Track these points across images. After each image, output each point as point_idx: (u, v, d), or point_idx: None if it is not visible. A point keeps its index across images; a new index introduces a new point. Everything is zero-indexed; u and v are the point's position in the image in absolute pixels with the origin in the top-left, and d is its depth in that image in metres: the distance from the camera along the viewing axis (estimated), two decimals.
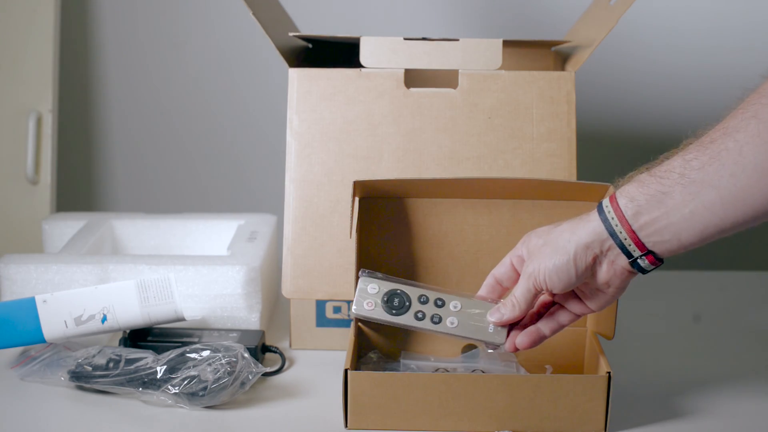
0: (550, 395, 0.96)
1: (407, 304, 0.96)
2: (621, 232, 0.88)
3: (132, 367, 1.01)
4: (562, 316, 0.96)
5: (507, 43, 1.18)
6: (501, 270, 0.96)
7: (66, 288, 1.15)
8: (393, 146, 1.16)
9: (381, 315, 0.95)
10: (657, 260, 0.89)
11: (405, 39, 1.17)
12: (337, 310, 1.17)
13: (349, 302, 1.15)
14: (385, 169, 1.15)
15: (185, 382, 0.99)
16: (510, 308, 0.94)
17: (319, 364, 1.12)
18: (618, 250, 0.89)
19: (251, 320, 1.18)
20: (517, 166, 1.15)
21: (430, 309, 0.95)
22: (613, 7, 1.15)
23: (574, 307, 0.95)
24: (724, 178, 0.85)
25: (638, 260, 0.89)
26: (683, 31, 1.63)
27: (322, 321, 1.17)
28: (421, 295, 0.96)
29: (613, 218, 0.89)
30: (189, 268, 1.16)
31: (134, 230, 1.35)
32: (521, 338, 0.95)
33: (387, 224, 1.09)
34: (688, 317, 1.32)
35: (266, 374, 1.07)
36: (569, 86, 1.16)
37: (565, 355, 1.09)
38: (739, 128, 0.85)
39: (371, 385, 0.96)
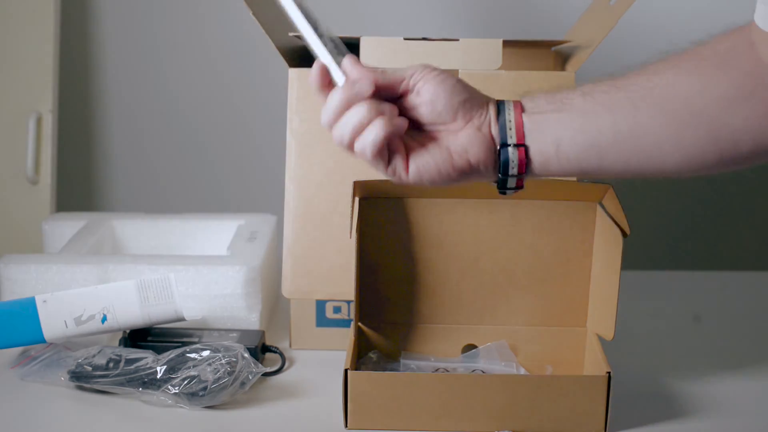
0: (550, 395, 0.96)
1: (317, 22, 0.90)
2: (509, 112, 0.84)
3: (132, 367, 1.01)
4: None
5: (507, 43, 1.18)
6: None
7: (66, 288, 1.15)
8: None
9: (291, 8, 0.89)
10: (525, 165, 0.83)
11: (405, 39, 1.17)
12: (337, 310, 1.17)
13: (350, 302, 1.15)
14: None
15: (185, 382, 0.99)
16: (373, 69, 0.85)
17: (319, 364, 1.12)
18: (497, 128, 0.84)
19: (251, 320, 1.18)
20: None
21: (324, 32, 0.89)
22: (613, 7, 1.15)
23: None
24: (625, 108, 0.83)
25: (509, 148, 0.83)
26: (683, 31, 1.62)
27: (322, 321, 1.17)
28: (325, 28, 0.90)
29: (509, 102, 0.85)
30: (189, 268, 1.16)
31: (134, 230, 1.35)
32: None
33: (387, 224, 1.09)
34: (688, 317, 1.32)
35: (266, 374, 1.07)
36: (569, 86, 1.16)
37: (565, 355, 1.09)
38: (658, 71, 0.84)
39: (371, 385, 0.96)
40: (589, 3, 1.27)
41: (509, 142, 0.84)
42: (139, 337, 1.10)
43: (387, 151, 0.84)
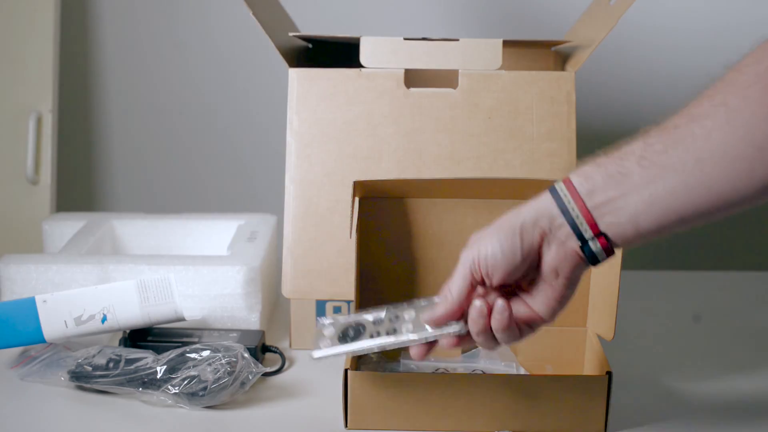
0: (550, 395, 0.96)
1: (362, 329, 0.90)
2: (573, 209, 0.82)
3: (132, 367, 1.01)
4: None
5: (507, 43, 1.18)
6: (453, 284, 0.87)
7: (66, 288, 1.15)
8: (393, 146, 1.16)
9: (339, 349, 0.90)
10: (609, 247, 0.83)
11: (405, 39, 1.17)
12: (337, 310, 1.17)
13: (349, 302, 1.15)
14: (385, 169, 1.15)
15: (185, 382, 0.99)
16: (442, 301, 0.86)
17: (319, 364, 1.12)
18: (569, 229, 0.82)
19: (251, 320, 1.18)
20: (517, 166, 1.15)
21: (385, 326, 0.89)
22: (613, 7, 1.15)
23: (519, 309, 0.86)
24: (689, 164, 0.80)
25: (590, 243, 0.82)
26: (683, 31, 1.62)
27: None
28: (376, 318, 0.90)
29: (565, 195, 0.82)
30: (189, 268, 1.16)
31: (134, 230, 1.35)
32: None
33: (387, 224, 1.09)
34: (688, 317, 1.32)
35: (266, 374, 1.07)
36: (569, 86, 1.16)
37: (565, 355, 1.09)
38: (707, 115, 0.81)
39: (371, 385, 0.96)
40: (589, 3, 1.27)
41: (586, 236, 0.83)
42: (139, 337, 1.10)
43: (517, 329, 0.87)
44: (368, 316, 0.90)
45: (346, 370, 0.96)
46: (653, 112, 1.75)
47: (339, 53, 1.26)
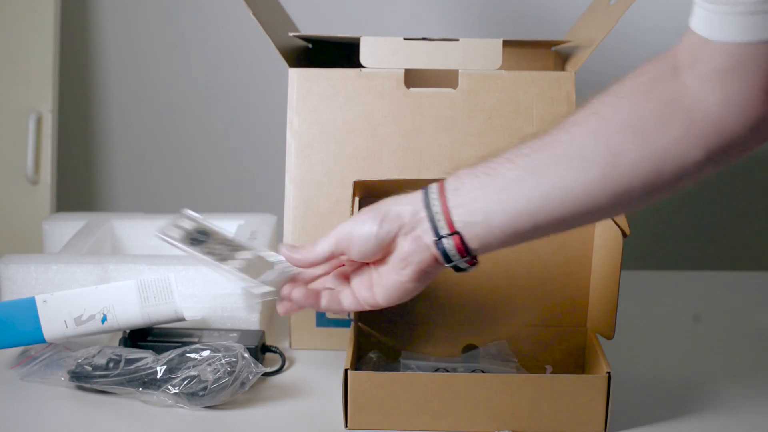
0: (550, 395, 0.96)
1: (204, 241, 0.95)
2: (435, 205, 0.85)
3: (132, 367, 1.01)
4: (345, 297, 0.93)
5: (507, 43, 1.18)
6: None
7: (66, 288, 1.15)
8: (393, 146, 1.16)
9: (176, 243, 0.94)
10: (464, 248, 0.85)
11: (405, 39, 1.17)
12: None
13: None
14: (385, 169, 1.15)
15: (185, 382, 0.99)
16: (302, 250, 0.92)
17: (319, 364, 1.12)
18: (427, 224, 0.86)
19: (251, 320, 1.18)
20: None
21: (223, 249, 0.94)
22: (613, 7, 1.15)
23: (361, 288, 0.91)
24: (549, 167, 0.82)
25: (444, 239, 0.85)
26: (683, 31, 1.62)
27: (322, 321, 1.17)
28: (227, 240, 0.96)
29: (433, 191, 0.86)
30: (189, 268, 1.16)
31: (134, 230, 1.35)
32: (298, 291, 0.93)
33: None
34: (688, 317, 1.32)
35: (266, 374, 1.07)
36: (569, 86, 1.16)
37: (565, 355, 1.09)
38: (578, 122, 0.83)
39: (371, 385, 0.96)
40: (589, 3, 1.27)
41: (442, 233, 0.85)
42: (139, 337, 1.10)
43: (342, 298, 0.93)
44: (221, 234, 0.96)
45: (346, 370, 0.96)
46: None
47: (339, 53, 1.26)
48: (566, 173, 0.82)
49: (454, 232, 0.85)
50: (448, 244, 0.85)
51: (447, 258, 0.86)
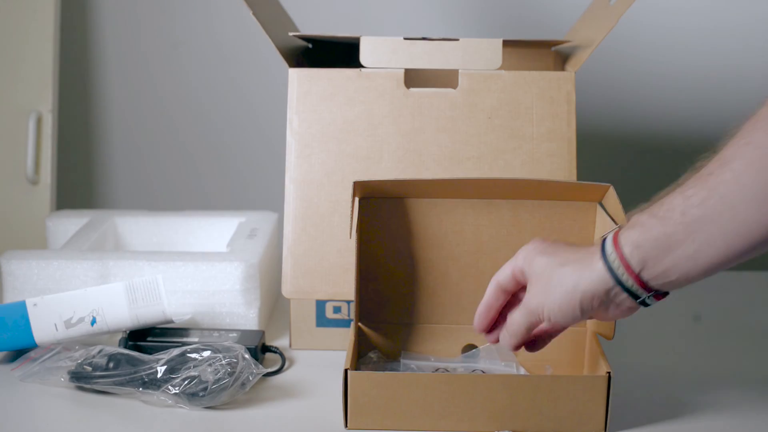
0: (550, 395, 0.96)
1: None
2: (628, 281, 0.88)
3: (132, 367, 1.01)
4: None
5: (507, 43, 1.18)
6: (503, 277, 0.96)
7: (67, 284, 1.15)
8: (393, 146, 1.16)
9: None
10: (663, 295, 0.89)
11: (405, 39, 1.17)
12: (337, 310, 1.17)
13: (350, 302, 1.15)
14: (385, 169, 1.15)
15: (185, 383, 0.99)
16: (509, 339, 0.96)
17: (319, 364, 1.12)
18: (625, 294, 0.89)
19: (250, 316, 1.18)
20: (517, 166, 1.15)
21: None
22: (613, 7, 1.15)
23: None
24: (725, 212, 0.83)
25: (646, 300, 0.89)
26: (683, 31, 1.62)
27: (322, 321, 1.17)
28: None
29: (618, 267, 0.88)
30: (188, 264, 1.16)
31: (137, 227, 1.36)
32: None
33: (387, 224, 1.09)
34: (688, 317, 1.32)
35: (266, 374, 1.07)
36: (569, 86, 1.16)
37: (565, 355, 1.09)
38: (735, 157, 0.84)
39: (371, 385, 0.96)
40: (589, 3, 1.27)
41: (642, 297, 0.89)
42: (139, 337, 1.10)
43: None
44: None
45: (346, 370, 0.96)
46: (653, 112, 1.77)
47: (339, 53, 1.26)
48: (744, 216, 0.83)
49: (652, 293, 0.89)
50: (650, 300, 0.89)
51: (646, 305, 0.91)
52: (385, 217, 1.08)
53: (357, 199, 1.05)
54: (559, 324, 0.92)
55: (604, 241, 0.89)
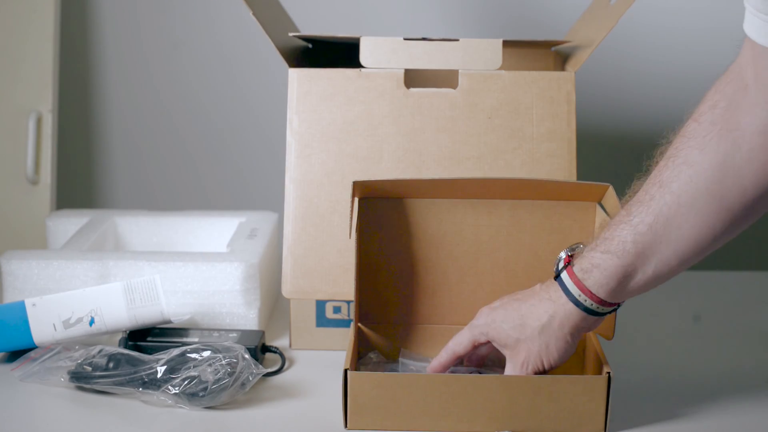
0: (550, 395, 0.96)
1: None
2: (603, 310, 0.95)
3: (132, 367, 1.01)
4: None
5: (507, 43, 1.18)
6: (460, 346, 1.00)
7: (67, 284, 1.15)
8: (393, 146, 1.16)
9: None
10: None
11: (405, 39, 1.17)
12: (337, 310, 1.17)
13: (350, 302, 1.15)
14: (385, 169, 1.15)
15: (185, 383, 0.99)
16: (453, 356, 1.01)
17: (319, 364, 1.12)
18: (602, 318, 0.97)
19: (249, 316, 1.18)
20: (517, 166, 1.15)
21: None
22: (613, 7, 1.15)
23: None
24: (672, 232, 0.90)
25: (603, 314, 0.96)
26: (683, 31, 1.62)
27: (322, 321, 1.17)
28: None
29: (591, 304, 0.94)
30: (188, 264, 1.16)
31: (137, 227, 1.36)
32: None
33: (387, 224, 1.09)
34: (688, 317, 1.32)
35: (266, 374, 1.07)
36: (569, 86, 1.16)
37: None
38: (673, 178, 0.90)
39: (371, 385, 0.96)
40: (589, 3, 1.27)
41: (610, 310, 0.97)
42: (139, 337, 1.10)
43: None
44: None
45: (346, 370, 0.96)
46: (653, 112, 1.76)
47: (339, 53, 1.26)
48: (689, 233, 0.91)
49: (618, 306, 0.97)
50: (603, 309, 0.96)
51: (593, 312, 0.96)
52: (384, 217, 1.08)
53: (357, 199, 1.05)
54: (556, 364, 0.98)
55: (566, 285, 0.95)
